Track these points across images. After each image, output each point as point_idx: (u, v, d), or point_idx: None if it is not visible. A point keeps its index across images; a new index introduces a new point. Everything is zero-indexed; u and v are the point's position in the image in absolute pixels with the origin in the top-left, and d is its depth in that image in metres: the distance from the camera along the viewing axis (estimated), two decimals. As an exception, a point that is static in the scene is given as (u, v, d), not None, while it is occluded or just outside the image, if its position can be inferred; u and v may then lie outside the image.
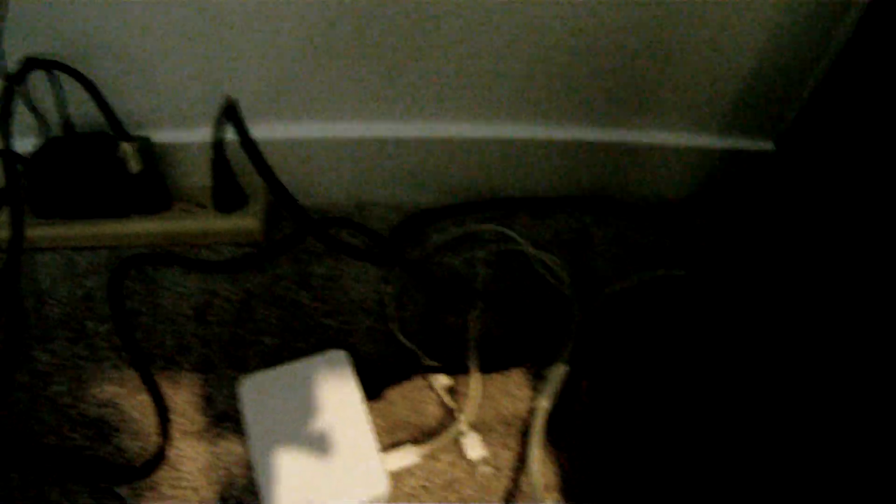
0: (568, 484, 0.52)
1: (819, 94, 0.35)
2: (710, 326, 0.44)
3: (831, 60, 0.51)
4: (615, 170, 0.67)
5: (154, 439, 0.53)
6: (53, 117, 0.62)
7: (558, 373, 0.55)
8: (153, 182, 0.62)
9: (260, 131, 0.58)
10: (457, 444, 0.53)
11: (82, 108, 0.61)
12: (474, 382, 0.54)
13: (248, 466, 0.52)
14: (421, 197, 0.68)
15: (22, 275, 0.63)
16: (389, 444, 0.53)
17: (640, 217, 0.67)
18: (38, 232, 0.63)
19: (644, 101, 0.62)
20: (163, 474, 0.52)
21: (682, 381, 0.48)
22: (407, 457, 0.50)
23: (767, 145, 0.64)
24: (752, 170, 0.66)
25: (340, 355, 0.53)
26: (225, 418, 0.54)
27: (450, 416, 0.54)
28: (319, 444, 0.49)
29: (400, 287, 0.62)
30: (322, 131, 0.63)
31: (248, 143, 0.52)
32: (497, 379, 0.57)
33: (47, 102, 0.61)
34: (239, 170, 0.62)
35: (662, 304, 0.59)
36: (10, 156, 0.61)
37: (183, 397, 0.56)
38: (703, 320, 0.45)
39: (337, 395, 0.51)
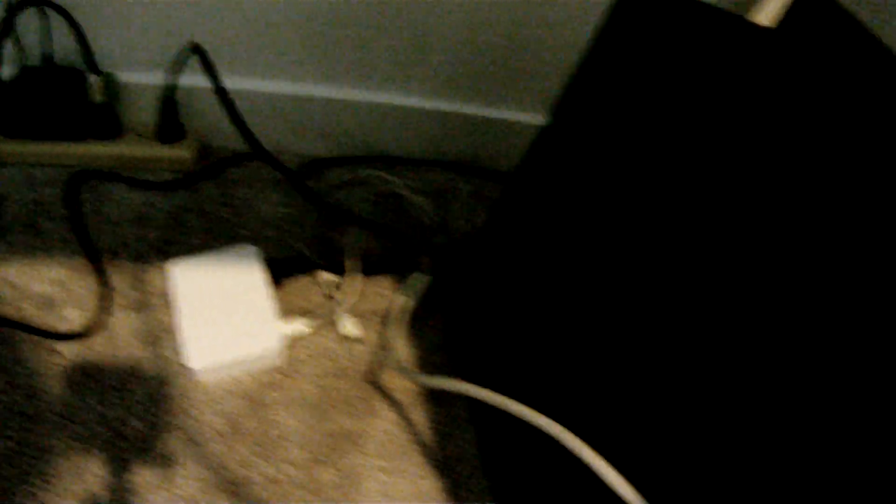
0: (422, 361, 0.69)
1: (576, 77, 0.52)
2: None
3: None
4: (483, 141, 0.85)
5: (96, 312, 0.67)
6: (35, 49, 0.73)
7: (420, 280, 0.72)
8: (111, 113, 0.76)
9: (198, 79, 0.73)
10: (336, 326, 0.69)
11: (61, 43, 0.73)
12: (352, 280, 0.71)
13: (174, 331, 0.67)
14: (319, 148, 0.85)
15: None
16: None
17: (499, 181, 0.86)
18: (4, 147, 0.76)
19: (504, 84, 0.80)
20: (101, 338, 0.66)
21: (513, 289, 0.65)
22: (297, 326, 0.66)
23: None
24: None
25: (252, 248, 0.69)
26: (157, 297, 0.69)
27: (333, 304, 0.71)
28: (231, 311, 0.64)
29: (299, 211, 0.78)
30: (242, 84, 0.77)
31: (218, 86, 0.68)
32: (371, 282, 0.73)
33: (31, 36, 0.72)
34: (180, 109, 0.77)
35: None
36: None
37: (122, 280, 0.70)
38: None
39: (247, 276, 0.67)
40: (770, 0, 0.56)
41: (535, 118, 0.84)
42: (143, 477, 0.58)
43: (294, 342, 0.68)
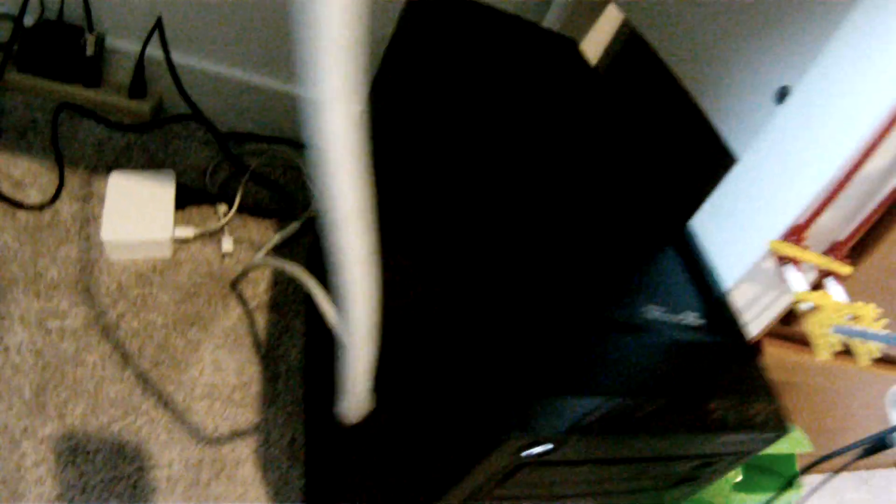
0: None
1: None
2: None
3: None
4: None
5: (50, 197, 0.92)
6: (53, 6, 1.00)
7: (292, 226, 0.97)
8: (96, 65, 1.03)
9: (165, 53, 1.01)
10: (217, 241, 0.94)
11: (72, 4, 0.99)
12: (240, 215, 0.96)
13: (101, 219, 0.92)
14: (245, 123, 1.12)
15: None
16: (180, 228, 0.93)
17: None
18: (15, 78, 1.03)
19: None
20: (50, 214, 0.91)
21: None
22: (187, 231, 0.91)
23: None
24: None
25: (171, 172, 0.95)
26: (97, 198, 0.94)
27: (219, 226, 0.96)
28: (142, 209, 0.90)
29: (217, 164, 1.05)
30: (197, 61, 1.04)
31: (168, 58, 0.95)
32: (254, 221, 0.99)
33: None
34: (147, 74, 1.05)
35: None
36: (18, 24, 1.00)
37: (76, 181, 0.95)
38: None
39: (161, 189, 0.92)
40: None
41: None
42: (45, 306, 0.82)
43: (182, 245, 0.92)
